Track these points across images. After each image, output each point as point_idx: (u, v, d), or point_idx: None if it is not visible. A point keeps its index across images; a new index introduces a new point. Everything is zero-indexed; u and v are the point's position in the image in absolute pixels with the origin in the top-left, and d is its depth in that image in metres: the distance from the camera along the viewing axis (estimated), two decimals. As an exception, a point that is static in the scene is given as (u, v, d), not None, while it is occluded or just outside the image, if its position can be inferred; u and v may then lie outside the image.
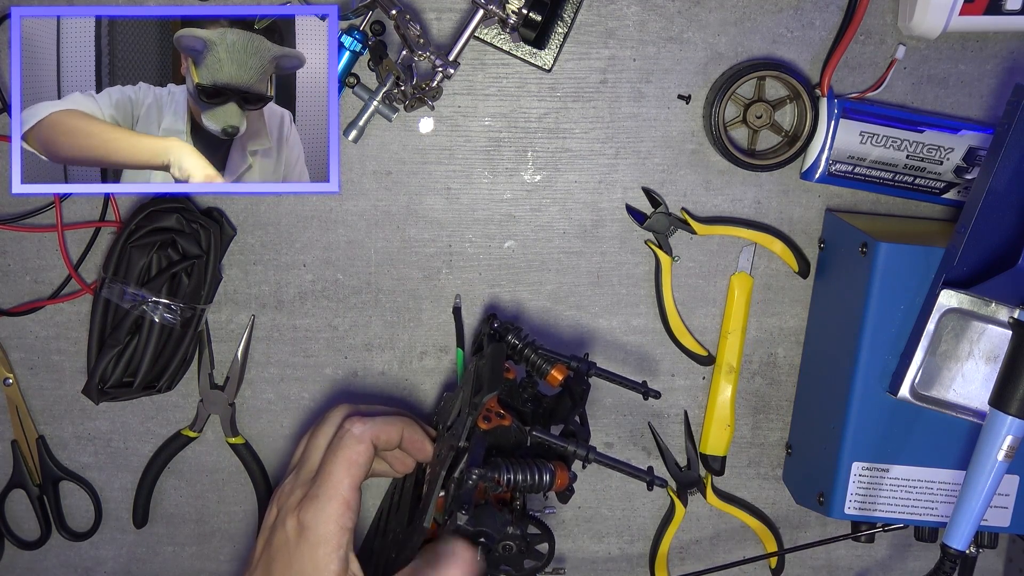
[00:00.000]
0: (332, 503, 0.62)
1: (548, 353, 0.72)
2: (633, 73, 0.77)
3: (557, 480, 0.64)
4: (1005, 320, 0.67)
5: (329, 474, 0.63)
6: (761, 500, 0.84)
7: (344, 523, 0.61)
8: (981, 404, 0.68)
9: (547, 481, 0.64)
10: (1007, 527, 0.73)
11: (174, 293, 0.75)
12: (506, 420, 0.65)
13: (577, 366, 0.72)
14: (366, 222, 0.79)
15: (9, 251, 0.79)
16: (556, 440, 0.65)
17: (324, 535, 0.61)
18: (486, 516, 0.62)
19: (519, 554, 0.64)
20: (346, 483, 0.62)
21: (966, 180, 0.77)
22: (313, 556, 0.61)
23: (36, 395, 0.82)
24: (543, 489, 0.64)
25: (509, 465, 0.63)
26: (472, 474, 0.61)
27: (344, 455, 0.63)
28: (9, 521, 0.83)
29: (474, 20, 0.72)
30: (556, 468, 0.64)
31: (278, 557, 0.62)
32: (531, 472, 0.63)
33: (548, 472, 0.64)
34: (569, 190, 0.79)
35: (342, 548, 0.61)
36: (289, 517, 0.62)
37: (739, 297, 0.80)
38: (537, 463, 0.64)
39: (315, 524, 0.61)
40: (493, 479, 0.62)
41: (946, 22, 0.72)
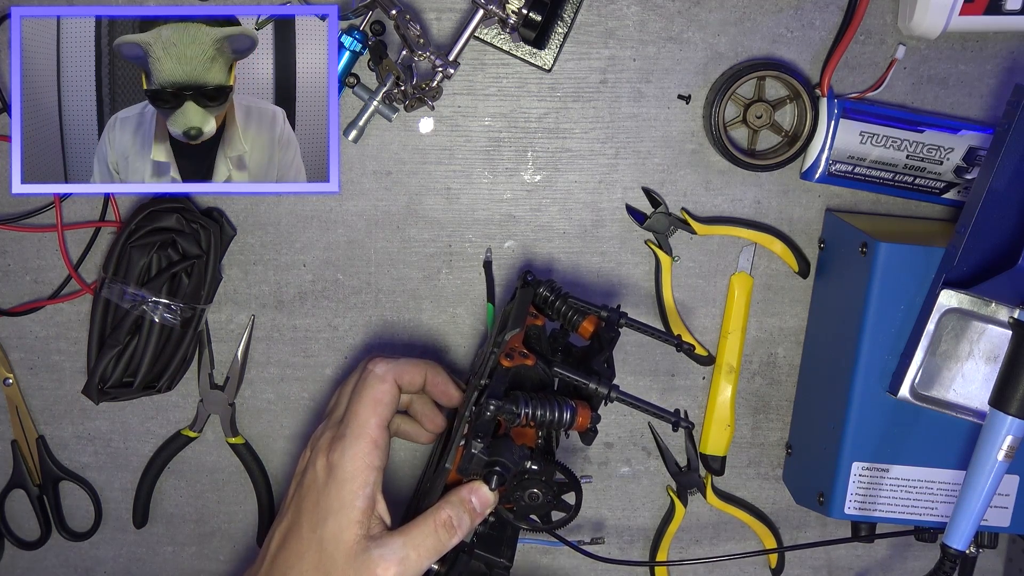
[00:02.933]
0: (359, 442, 0.63)
1: (580, 304, 0.71)
2: (633, 73, 0.77)
3: (579, 417, 0.63)
4: (1005, 320, 0.67)
5: (355, 414, 0.64)
6: (761, 500, 0.84)
7: (371, 461, 0.63)
8: (981, 404, 0.68)
9: (568, 418, 0.63)
10: (1007, 527, 0.73)
11: (174, 293, 0.75)
12: (529, 360, 0.65)
13: (608, 315, 0.71)
14: (366, 222, 0.79)
15: (9, 251, 0.79)
16: (578, 376, 0.64)
17: (351, 472, 0.62)
18: (503, 447, 0.62)
19: (545, 504, 0.64)
20: (372, 422, 0.64)
21: (966, 180, 0.77)
22: (340, 493, 0.62)
23: (36, 395, 0.82)
24: (564, 426, 0.63)
25: (529, 399, 0.63)
26: (490, 405, 0.61)
27: (368, 395, 0.65)
28: (9, 521, 0.83)
29: (474, 20, 0.72)
30: (578, 406, 0.63)
31: (307, 496, 0.64)
32: (552, 407, 0.63)
33: (569, 409, 0.63)
34: (569, 190, 0.79)
35: (369, 486, 0.62)
36: (319, 458, 0.64)
37: (739, 297, 0.80)
38: (558, 399, 0.63)
39: (342, 463, 0.63)
40: (512, 411, 0.62)
41: (946, 22, 0.72)
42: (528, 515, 0.65)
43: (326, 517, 0.62)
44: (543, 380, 0.66)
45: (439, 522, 0.62)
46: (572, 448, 0.83)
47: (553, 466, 0.64)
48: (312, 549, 0.62)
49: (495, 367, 0.64)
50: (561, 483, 0.64)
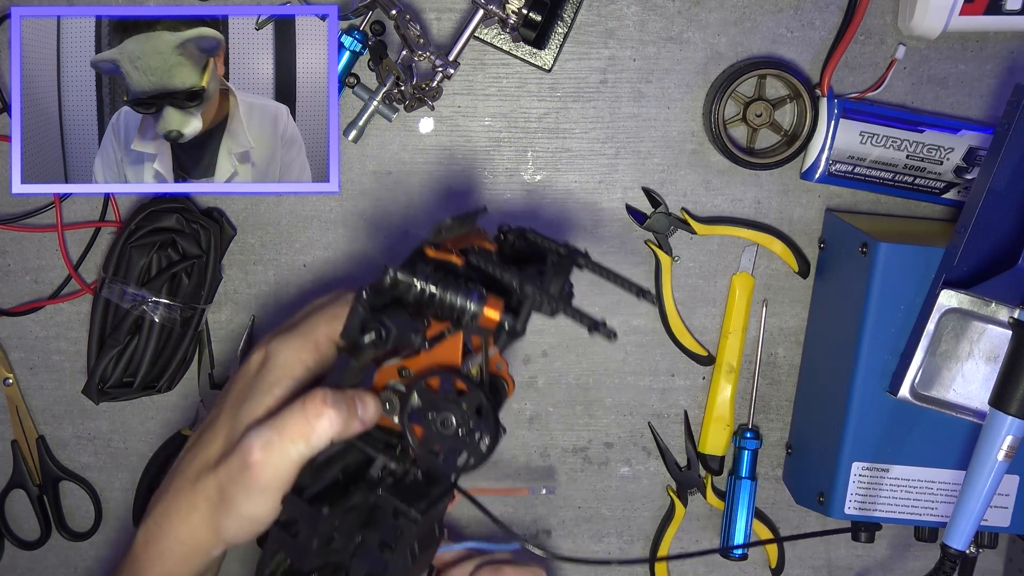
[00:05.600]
0: (300, 338, 0.59)
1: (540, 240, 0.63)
2: (633, 73, 0.77)
3: (486, 307, 0.55)
4: (1005, 320, 0.67)
5: (308, 318, 0.60)
6: (761, 500, 0.84)
7: (305, 359, 0.58)
8: (981, 404, 0.68)
9: (472, 307, 0.55)
10: (1007, 527, 0.74)
11: (174, 293, 0.75)
12: (457, 258, 0.58)
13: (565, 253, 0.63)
14: (366, 222, 0.79)
15: (9, 251, 0.79)
16: (493, 265, 0.57)
17: (280, 362, 0.58)
18: (393, 313, 0.55)
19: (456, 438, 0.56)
20: (322, 328, 0.59)
21: (966, 180, 0.77)
22: (262, 380, 0.58)
23: (36, 395, 0.82)
24: (466, 314, 0.55)
25: (432, 275, 0.56)
26: (389, 271, 0.55)
27: (329, 309, 0.61)
28: (9, 521, 0.83)
29: (474, 20, 0.72)
30: (488, 296, 0.56)
31: (236, 385, 0.60)
32: (455, 289, 0.55)
33: (475, 295, 0.55)
34: (569, 190, 0.79)
35: (293, 380, 0.58)
36: (257, 351, 0.60)
37: (740, 297, 0.80)
38: (468, 284, 0.56)
39: (278, 352, 0.59)
40: (408, 282, 0.55)
41: (946, 22, 0.72)
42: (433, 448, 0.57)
43: (243, 401, 0.58)
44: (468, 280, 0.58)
45: (308, 400, 0.55)
46: (573, 448, 0.83)
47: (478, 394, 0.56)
48: (222, 434, 0.58)
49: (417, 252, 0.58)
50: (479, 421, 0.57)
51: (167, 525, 0.59)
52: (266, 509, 0.56)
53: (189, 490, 0.58)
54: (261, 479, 0.55)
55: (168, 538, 0.59)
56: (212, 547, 0.59)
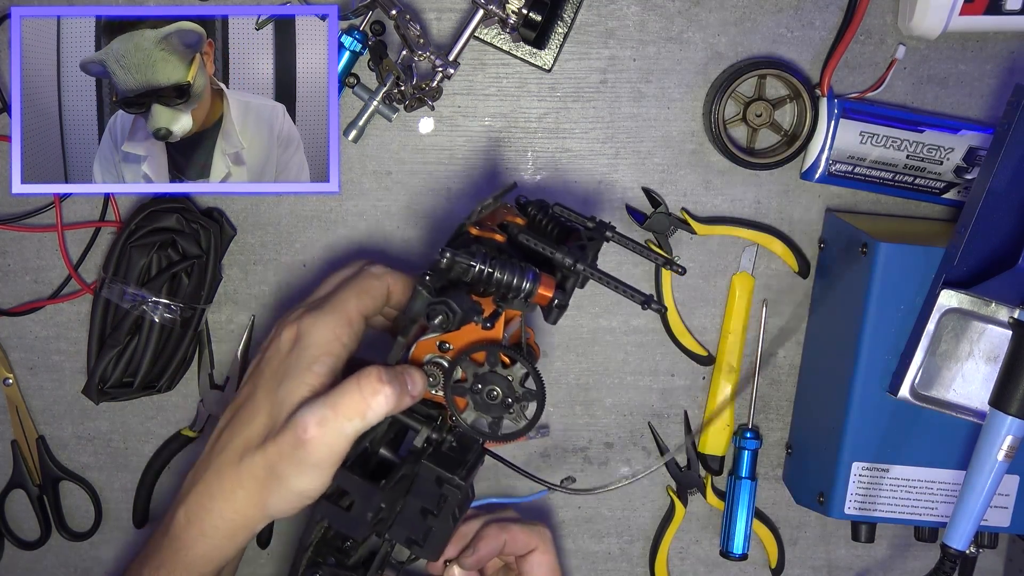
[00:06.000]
0: (333, 315, 0.60)
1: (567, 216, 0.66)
2: (633, 73, 0.77)
3: (540, 286, 0.58)
4: (1005, 320, 0.67)
5: (337, 295, 0.61)
6: (761, 500, 0.84)
7: (340, 335, 0.59)
8: (981, 404, 0.68)
9: (528, 285, 0.58)
10: (1007, 527, 0.74)
11: (174, 293, 0.75)
12: (499, 236, 0.60)
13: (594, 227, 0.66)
14: (366, 222, 0.79)
15: (9, 251, 0.79)
16: (545, 243, 0.59)
17: (317, 340, 0.59)
18: (455, 295, 0.57)
19: (503, 406, 0.59)
20: (353, 303, 0.61)
21: (966, 180, 0.77)
22: (300, 358, 0.59)
23: (36, 395, 0.82)
24: (523, 293, 0.58)
25: (488, 256, 0.58)
26: (446, 253, 0.56)
27: (358, 283, 0.62)
28: (9, 521, 0.83)
29: (474, 20, 0.72)
30: (541, 275, 0.58)
31: (269, 365, 0.60)
32: (511, 269, 0.58)
33: (532, 275, 0.58)
34: (569, 190, 0.79)
35: (332, 356, 0.59)
36: (286, 328, 0.61)
37: (740, 297, 0.80)
38: (521, 264, 0.58)
39: (311, 331, 0.59)
40: (466, 263, 0.57)
41: (946, 22, 0.72)
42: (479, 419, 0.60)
43: (282, 380, 0.58)
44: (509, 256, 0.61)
45: (364, 378, 0.57)
46: (573, 448, 0.83)
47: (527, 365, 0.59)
48: (262, 412, 0.59)
49: (462, 233, 0.60)
50: (527, 389, 0.60)
51: (210, 504, 0.60)
52: (317, 484, 0.57)
53: (233, 469, 0.59)
54: (315, 455, 0.56)
55: (212, 516, 0.60)
56: (257, 523, 0.60)
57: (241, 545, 0.61)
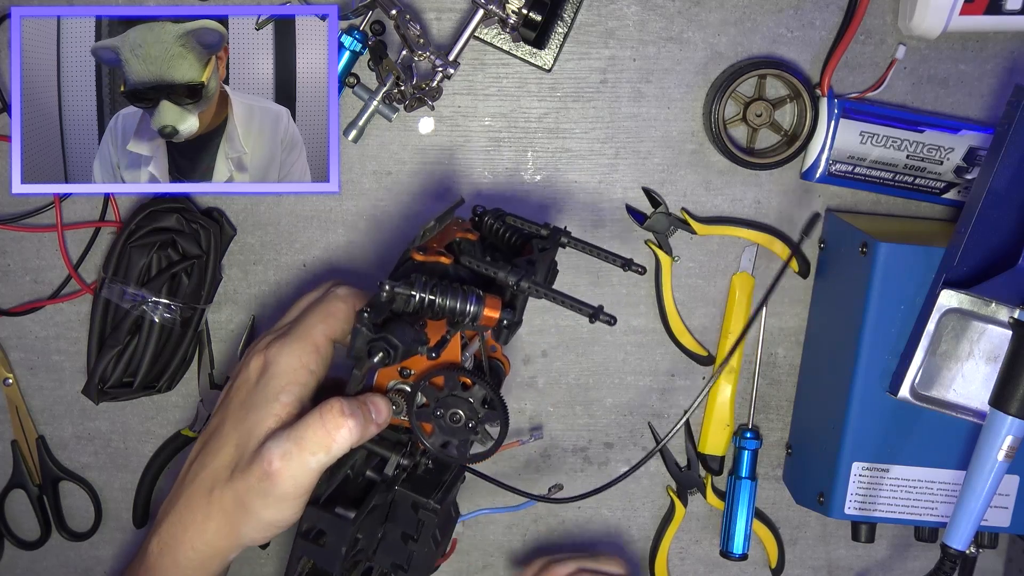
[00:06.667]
0: (299, 342, 0.60)
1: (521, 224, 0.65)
2: (633, 73, 0.77)
3: (485, 308, 0.57)
4: (1005, 320, 0.67)
5: (303, 320, 0.61)
6: (761, 500, 0.84)
7: (307, 362, 0.59)
8: (981, 404, 0.68)
9: (472, 308, 0.56)
10: (1007, 527, 0.74)
11: (174, 293, 0.75)
12: (445, 258, 0.59)
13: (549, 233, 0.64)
14: (366, 222, 0.79)
15: (9, 251, 0.79)
16: (484, 265, 0.58)
17: (284, 368, 0.59)
18: (396, 327, 0.55)
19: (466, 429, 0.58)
20: (319, 328, 0.60)
21: (966, 180, 0.77)
22: (267, 388, 0.59)
23: (36, 395, 0.82)
24: (468, 316, 0.57)
25: (428, 283, 0.56)
26: (385, 286, 0.55)
27: (323, 307, 0.61)
28: (9, 521, 0.83)
29: (474, 20, 0.72)
30: (486, 296, 0.57)
31: (236, 395, 0.60)
32: (453, 294, 0.56)
33: (474, 298, 0.57)
34: (569, 190, 0.79)
35: (299, 385, 0.59)
36: (254, 358, 0.61)
37: (740, 297, 0.80)
38: (464, 288, 0.57)
39: (278, 359, 0.59)
40: (406, 294, 0.56)
41: (946, 22, 0.72)
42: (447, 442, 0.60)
43: (250, 410, 0.58)
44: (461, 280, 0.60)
45: (326, 412, 0.56)
46: (573, 448, 0.83)
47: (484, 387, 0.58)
48: (230, 443, 0.59)
49: (405, 260, 0.59)
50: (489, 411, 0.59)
51: (182, 535, 0.60)
52: (287, 515, 0.57)
53: (204, 501, 0.59)
54: (281, 488, 0.56)
55: (184, 547, 0.60)
56: (229, 552, 0.60)
57: (216, 573, 0.61)
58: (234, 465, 0.58)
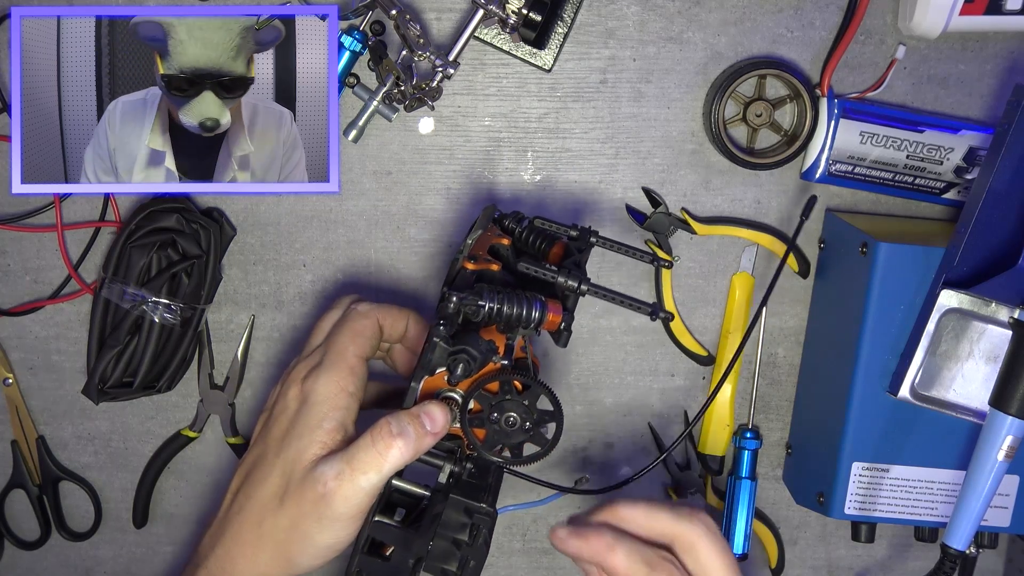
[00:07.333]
0: (335, 368, 0.60)
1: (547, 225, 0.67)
2: (633, 73, 0.77)
3: (549, 313, 0.59)
4: (1005, 320, 0.67)
5: (333, 343, 0.62)
6: (761, 500, 0.84)
7: (345, 385, 0.60)
8: (981, 404, 0.68)
9: (537, 314, 0.58)
10: (1007, 527, 0.74)
11: (174, 293, 0.75)
12: (494, 265, 0.60)
13: (578, 234, 0.66)
14: (366, 222, 0.79)
15: (9, 251, 0.79)
16: (546, 269, 0.59)
17: (324, 396, 0.60)
18: (469, 338, 0.57)
19: (522, 431, 0.59)
20: (350, 350, 0.61)
21: (966, 180, 0.77)
22: (309, 417, 0.59)
23: (36, 395, 0.82)
24: (532, 323, 0.58)
25: (494, 293, 0.58)
26: (452, 297, 0.57)
27: (349, 327, 0.62)
28: (9, 521, 0.83)
29: (474, 20, 0.72)
30: (548, 302, 0.59)
31: (277, 424, 0.61)
32: (519, 302, 0.58)
33: (539, 304, 0.58)
34: (569, 190, 0.79)
35: (340, 410, 0.59)
36: (291, 387, 0.61)
37: (740, 297, 0.80)
38: (527, 294, 0.58)
39: (316, 387, 0.60)
40: (475, 304, 0.57)
41: (946, 22, 0.72)
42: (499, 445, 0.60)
43: (292, 440, 0.59)
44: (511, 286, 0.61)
45: (376, 433, 0.57)
46: (573, 448, 0.83)
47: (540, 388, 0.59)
48: (275, 473, 0.59)
49: (459, 271, 0.60)
50: (543, 411, 0.59)
51: (231, 568, 0.60)
52: (342, 536, 0.58)
53: (253, 532, 0.59)
54: (335, 509, 0.57)
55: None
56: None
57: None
58: (282, 493, 0.58)
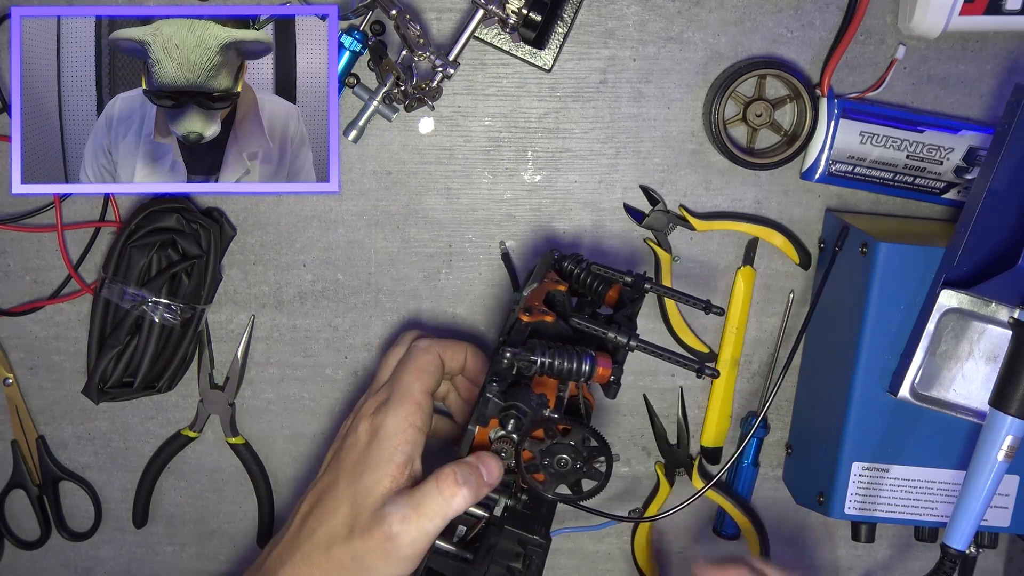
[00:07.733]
0: (403, 404, 0.65)
1: (604, 271, 0.71)
2: (633, 73, 0.77)
3: (599, 367, 0.62)
4: (1005, 320, 0.67)
5: (400, 380, 0.66)
6: (761, 500, 0.84)
7: (413, 421, 0.64)
8: (981, 404, 0.68)
9: (587, 368, 0.62)
10: (1007, 527, 0.74)
11: (174, 293, 0.75)
12: (549, 316, 0.64)
13: (632, 280, 0.70)
14: (366, 222, 0.79)
15: (9, 251, 0.79)
16: (596, 326, 0.63)
17: (393, 430, 0.64)
18: (520, 394, 0.61)
19: (575, 471, 0.62)
20: (416, 387, 0.66)
21: (966, 180, 0.77)
22: (379, 449, 0.63)
23: (36, 395, 0.82)
24: (583, 376, 0.62)
25: (546, 348, 0.61)
26: (506, 353, 0.60)
27: (413, 364, 0.67)
28: (9, 521, 0.83)
29: (474, 20, 0.72)
30: (597, 356, 0.62)
31: (348, 456, 0.65)
32: (570, 356, 0.61)
33: (588, 358, 0.62)
34: (569, 190, 0.79)
35: (408, 444, 0.63)
36: (362, 422, 0.66)
37: (745, 291, 0.79)
38: (577, 349, 0.62)
39: (385, 422, 0.64)
40: (527, 359, 0.61)
41: (946, 22, 0.72)
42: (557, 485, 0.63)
43: (363, 472, 0.63)
44: (565, 337, 0.64)
45: (443, 482, 0.61)
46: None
47: (582, 428, 0.62)
48: (345, 503, 0.63)
49: (514, 323, 0.64)
50: (591, 448, 0.62)
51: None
52: (404, 571, 0.62)
53: (323, 558, 0.63)
54: (401, 551, 0.61)
55: None
56: None
57: None
58: (352, 524, 0.62)
